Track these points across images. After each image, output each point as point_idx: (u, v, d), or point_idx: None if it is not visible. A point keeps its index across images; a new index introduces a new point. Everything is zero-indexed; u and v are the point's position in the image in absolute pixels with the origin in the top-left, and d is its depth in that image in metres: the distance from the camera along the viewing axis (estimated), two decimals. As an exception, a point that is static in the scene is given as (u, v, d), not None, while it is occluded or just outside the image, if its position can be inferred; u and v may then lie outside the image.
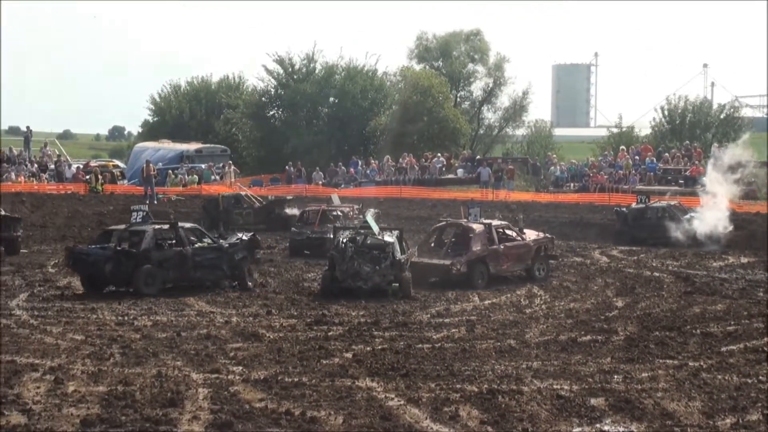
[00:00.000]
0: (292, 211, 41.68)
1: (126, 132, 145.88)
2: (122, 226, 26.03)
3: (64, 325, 19.66)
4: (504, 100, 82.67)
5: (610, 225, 39.27)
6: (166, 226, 25.56)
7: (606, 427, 12.48)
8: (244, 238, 26.27)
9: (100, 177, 58.17)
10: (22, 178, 59.02)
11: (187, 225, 26.60)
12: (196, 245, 25.01)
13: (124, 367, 15.89)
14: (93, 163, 69.28)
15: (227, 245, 25.33)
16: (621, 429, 12.40)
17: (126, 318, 20.61)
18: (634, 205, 39.47)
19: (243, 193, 45.45)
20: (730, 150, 41.26)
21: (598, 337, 18.70)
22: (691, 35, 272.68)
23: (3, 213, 34.83)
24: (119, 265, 23.29)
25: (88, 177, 58.24)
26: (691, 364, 16.19)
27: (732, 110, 74.87)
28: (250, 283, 25.12)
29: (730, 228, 35.78)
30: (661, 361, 16.48)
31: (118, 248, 24.05)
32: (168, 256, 24.22)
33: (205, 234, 25.97)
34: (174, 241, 24.85)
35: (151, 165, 55.59)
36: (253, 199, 43.26)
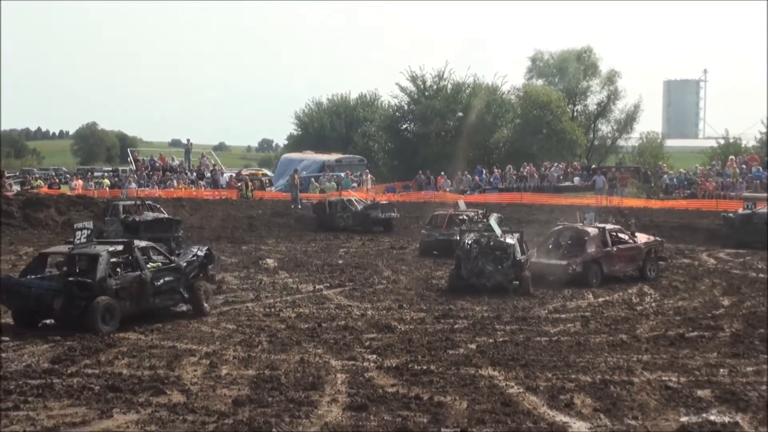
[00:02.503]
0: (388, 214, 42.52)
1: (273, 144, 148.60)
2: (64, 248, 19.60)
3: (218, 316, 20.09)
4: (617, 113, 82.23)
5: (717, 229, 38.37)
6: (120, 247, 19.13)
7: (712, 417, 12.24)
8: (200, 253, 21.03)
9: (250, 184, 59.26)
10: (182, 184, 60.55)
11: (142, 243, 20.21)
12: (150, 266, 19.28)
13: (271, 353, 16.19)
14: (244, 172, 70.70)
15: (185, 264, 20.05)
16: (726, 419, 12.15)
17: (272, 310, 20.93)
18: (741, 210, 38.68)
19: (349, 198, 45.64)
20: None
21: (705, 333, 18.30)
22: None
23: (166, 215, 35.89)
24: (71, 299, 17.20)
25: (239, 184, 59.41)
26: (794, 359, 15.79)
27: None
28: (206, 306, 19.94)
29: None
30: (765, 356, 16.04)
31: (70, 278, 17.75)
32: (125, 284, 18.15)
33: (159, 252, 20.30)
34: (127, 264, 19.11)
35: (296, 173, 56.43)
36: (357, 203, 43.50)
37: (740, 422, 11.99)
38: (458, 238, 26.87)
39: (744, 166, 56.62)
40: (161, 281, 19.07)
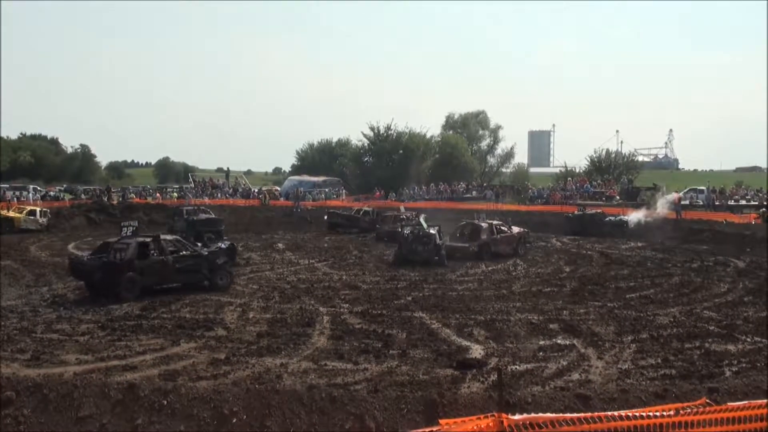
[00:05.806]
0: (371, 218, 40.38)
1: (282, 170, 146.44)
2: (115, 239, 18.30)
3: (247, 279, 19.93)
4: (499, 151, 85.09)
5: (561, 224, 38.78)
6: (149, 239, 17.85)
7: (558, 341, 12.36)
8: (223, 246, 19.73)
9: (267, 196, 58.87)
10: (224, 197, 59.96)
11: (169, 237, 18.95)
12: (179, 254, 17.88)
13: (281, 303, 16.08)
14: (264, 188, 69.99)
15: (207, 252, 18.44)
16: (567, 342, 12.27)
17: (282, 276, 20.79)
18: (576, 212, 39.25)
19: (362, 208, 44.78)
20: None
21: (554, 288, 18.49)
22: (610, 110, 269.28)
23: (213, 216, 35.56)
24: (106, 273, 16.42)
25: (260, 196, 58.90)
26: (608, 305, 15.95)
27: (632, 157, 76.41)
28: (220, 282, 18.15)
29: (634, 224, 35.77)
30: (591, 303, 16.25)
31: (105, 259, 17.05)
32: (150, 264, 17.06)
33: (185, 244, 18.57)
34: (157, 251, 17.57)
35: (297, 189, 56.30)
36: (358, 212, 42.51)
37: (576, 344, 12.11)
38: (400, 230, 26.93)
39: (578, 184, 57.53)
40: (183, 264, 17.66)
